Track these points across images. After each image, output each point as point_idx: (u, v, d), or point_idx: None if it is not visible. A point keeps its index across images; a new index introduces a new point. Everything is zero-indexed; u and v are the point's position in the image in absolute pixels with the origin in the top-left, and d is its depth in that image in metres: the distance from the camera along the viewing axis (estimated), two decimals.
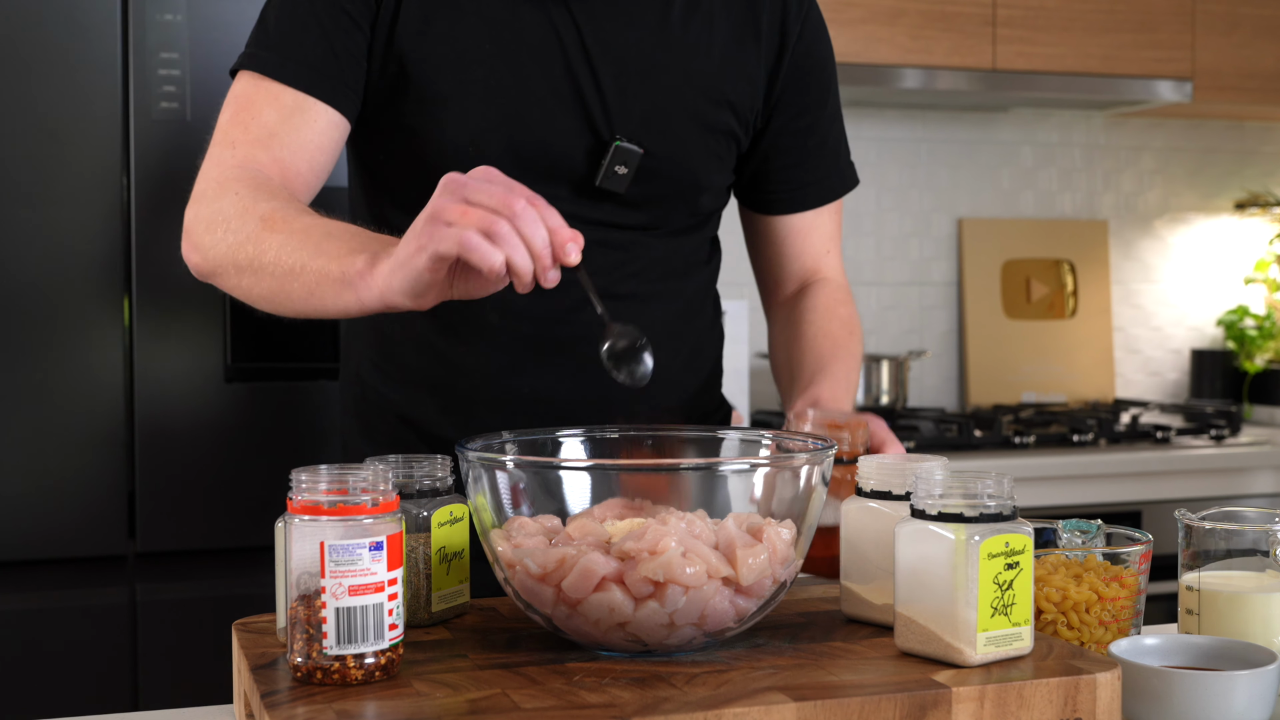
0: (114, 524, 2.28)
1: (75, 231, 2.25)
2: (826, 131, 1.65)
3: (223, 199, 1.37)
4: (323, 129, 1.44)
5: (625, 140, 1.48)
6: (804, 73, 1.60)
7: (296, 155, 1.43)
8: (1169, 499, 2.99)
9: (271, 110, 1.43)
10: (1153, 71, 3.27)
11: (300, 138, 1.43)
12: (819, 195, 1.67)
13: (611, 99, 1.48)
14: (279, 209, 1.33)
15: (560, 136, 1.48)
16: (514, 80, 1.47)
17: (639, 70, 1.50)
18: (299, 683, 1.01)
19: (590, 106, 1.48)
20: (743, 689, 0.98)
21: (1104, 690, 1.01)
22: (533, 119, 1.47)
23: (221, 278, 1.38)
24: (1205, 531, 1.23)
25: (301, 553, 1.00)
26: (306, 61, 1.43)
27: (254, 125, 1.43)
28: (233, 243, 1.34)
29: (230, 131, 1.44)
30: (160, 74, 2.28)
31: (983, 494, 1.03)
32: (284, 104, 1.43)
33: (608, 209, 1.51)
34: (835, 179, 1.68)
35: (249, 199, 1.35)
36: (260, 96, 1.44)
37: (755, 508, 1.09)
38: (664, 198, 1.53)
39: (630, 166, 1.48)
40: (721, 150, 1.56)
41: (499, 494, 1.09)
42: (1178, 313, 3.81)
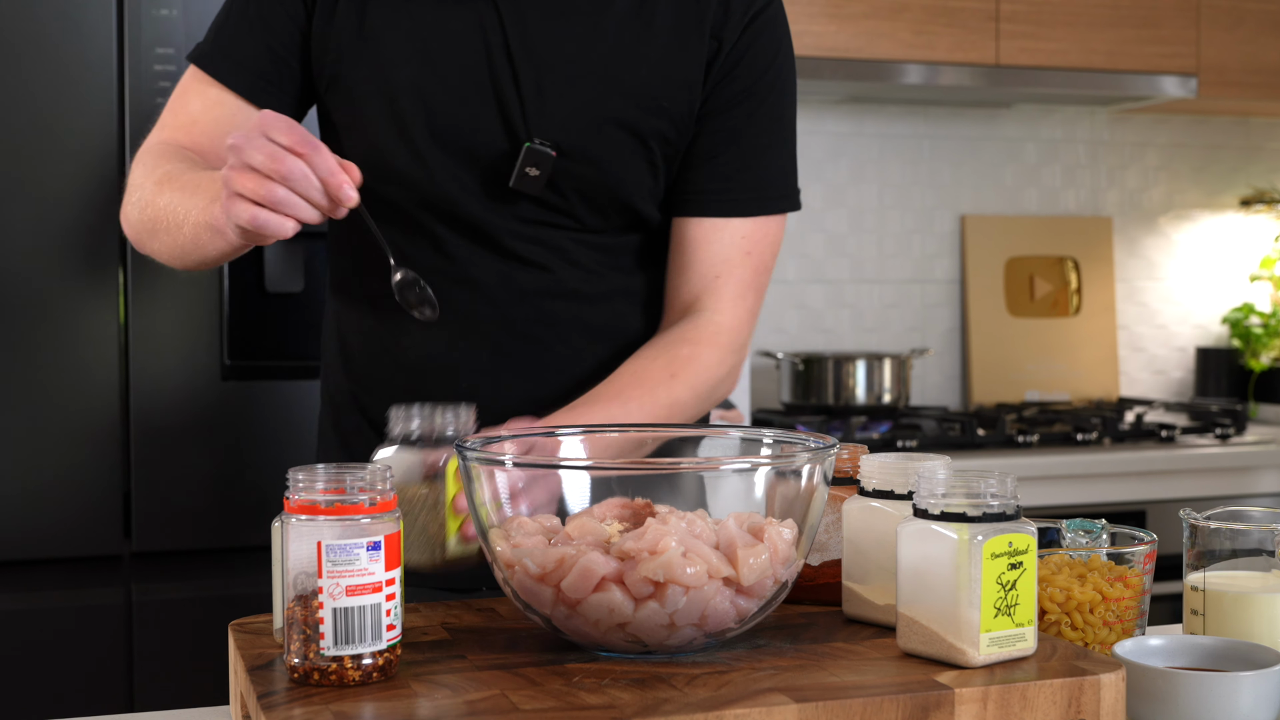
0: (109, 523, 2.28)
1: (70, 228, 2.25)
2: (753, 144, 1.56)
3: (135, 170, 1.54)
4: (241, 123, 1.53)
5: (538, 142, 1.48)
6: (735, 77, 1.54)
7: (215, 141, 1.54)
8: (1174, 498, 2.99)
9: (198, 101, 1.55)
10: (1157, 67, 3.27)
11: (219, 127, 1.54)
12: (721, 206, 1.56)
13: (530, 100, 1.49)
14: (173, 170, 1.47)
15: (481, 136, 1.50)
16: (436, 80, 1.50)
17: (563, 72, 1.50)
18: (296, 684, 1.01)
19: (508, 106, 1.49)
20: (744, 690, 0.98)
21: (1108, 691, 1.01)
22: (456, 118, 1.50)
23: (141, 244, 1.53)
24: (1210, 531, 1.23)
25: (298, 553, 1.00)
26: (236, 58, 1.54)
27: (181, 113, 1.56)
28: (139, 208, 1.50)
29: (164, 117, 1.59)
30: (156, 69, 2.28)
31: (986, 493, 1.03)
32: (208, 97, 1.55)
33: (536, 209, 1.52)
34: (747, 194, 1.56)
35: (151, 166, 1.51)
36: (193, 88, 1.56)
37: (756, 507, 1.09)
38: (588, 200, 1.53)
39: (543, 169, 1.48)
40: (653, 155, 1.54)
41: (497, 493, 1.09)
42: (1182, 310, 3.81)
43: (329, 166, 1.24)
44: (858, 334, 3.55)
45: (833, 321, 3.54)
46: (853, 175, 3.54)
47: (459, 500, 1.19)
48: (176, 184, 1.45)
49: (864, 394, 3.27)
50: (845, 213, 3.54)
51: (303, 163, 1.24)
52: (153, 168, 1.50)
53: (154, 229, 1.48)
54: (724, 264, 1.56)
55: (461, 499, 1.18)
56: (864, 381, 3.26)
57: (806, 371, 3.28)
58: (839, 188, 3.54)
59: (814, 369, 3.27)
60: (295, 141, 1.24)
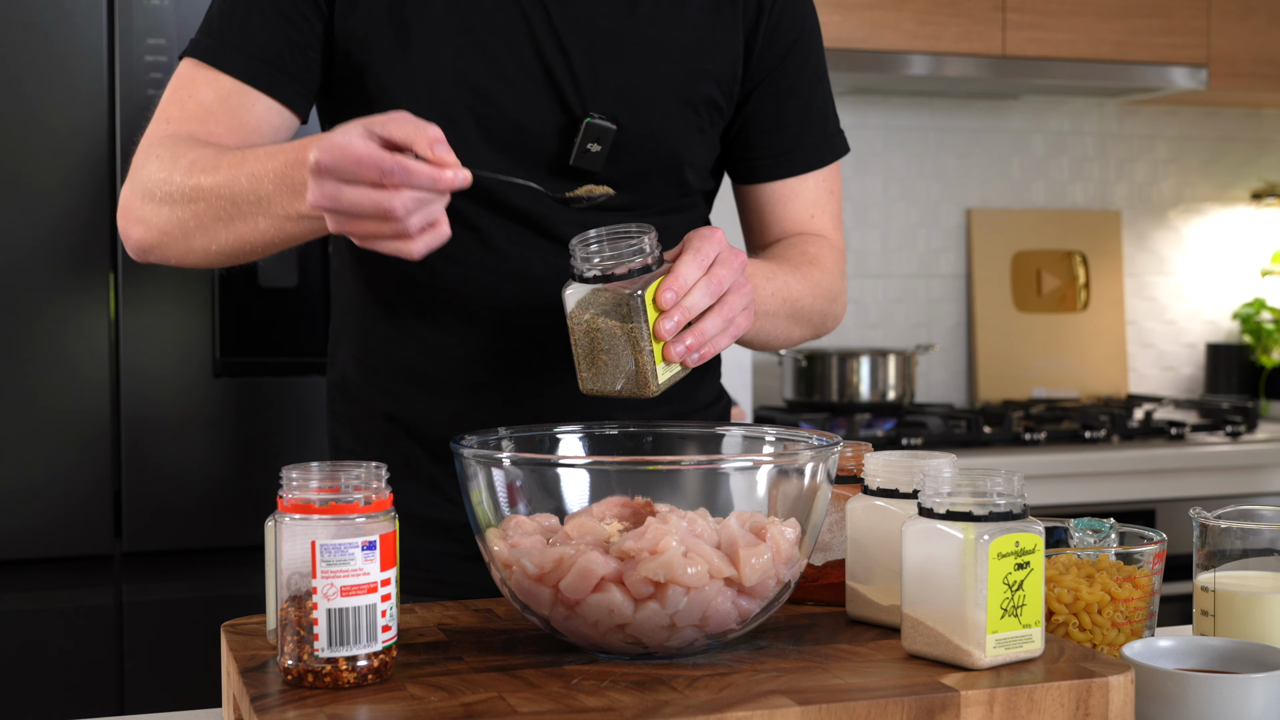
0: (99, 523, 2.28)
1: (60, 222, 2.25)
2: (809, 96, 1.63)
3: (148, 166, 1.42)
4: (261, 114, 1.47)
5: (598, 116, 1.48)
6: (781, 35, 1.59)
7: (232, 134, 1.46)
8: (1183, 497, 2.99)
9: (209, 90, 1.47)
10: (1167, 58, 3.27)
11: (236, 118, 1.46)
12: (802, 161, 1.64)
13: (583, 75, 1.49)
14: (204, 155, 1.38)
15: (533, 117, 1.48)
16: (482, 63, 1.48)
17: (610, 44, 1.50)
18: (290, 686, 1.01)
19: (561, 84, 1.48)
20: (746, 692, 0.98)
21: (1117, 694, 1.01)
22: (504, 101, 1.48)
23: (165, 248, 1.43)
24: (1221, 530, 1.23)
25: (292, 552, 1.00)
26: (246, 50, 1.47)
27: (190, 103, 1.47)
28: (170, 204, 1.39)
29: (167, 109, 1.48)
30: (147, 60, 2.28)
31: (992, 492, 1.03)
32: (222, 87, 1.47)
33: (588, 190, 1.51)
34: (821, 145, 1.65)
35: (171, 157, 1.40)
36: (200, 79, 1.48)
37: (759, 506, 1.09)
38: (644, 174, 1.53)
39: (604, 143, 1.48)
40: (703, 122, 1.55)
41: (495, 492, 1.09)
42: (1192, 306, 3.81)
43: (429, 177, 1.18)
44: (862, 330, 3.55)
45: None
46: (857, 168, 3.54)
47: (657, 325, 1.26)
48: (223, 168, 1.35)
49: (868, 391, 3.27)
50: (849, 206, 3.54)
51: (406, 193, 1.17)
52: (175, 157, 1.40)
53: (202, 221, 1.37)
54: (816, 205, 1.66)
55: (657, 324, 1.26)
56: (868, 378, 3.26)
57: (809, 368, 3.28)
58: (843, 180, 3.53)
59: (817, 365, 3.27)
60: (379, 176, 1.17)
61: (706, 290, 1.29)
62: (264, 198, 1.32)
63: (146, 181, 1.41)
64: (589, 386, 1.28)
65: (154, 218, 1.41)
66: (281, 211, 1.32)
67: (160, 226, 1.41)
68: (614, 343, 1.25)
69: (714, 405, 1.68)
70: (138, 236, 1.44)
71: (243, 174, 1.33)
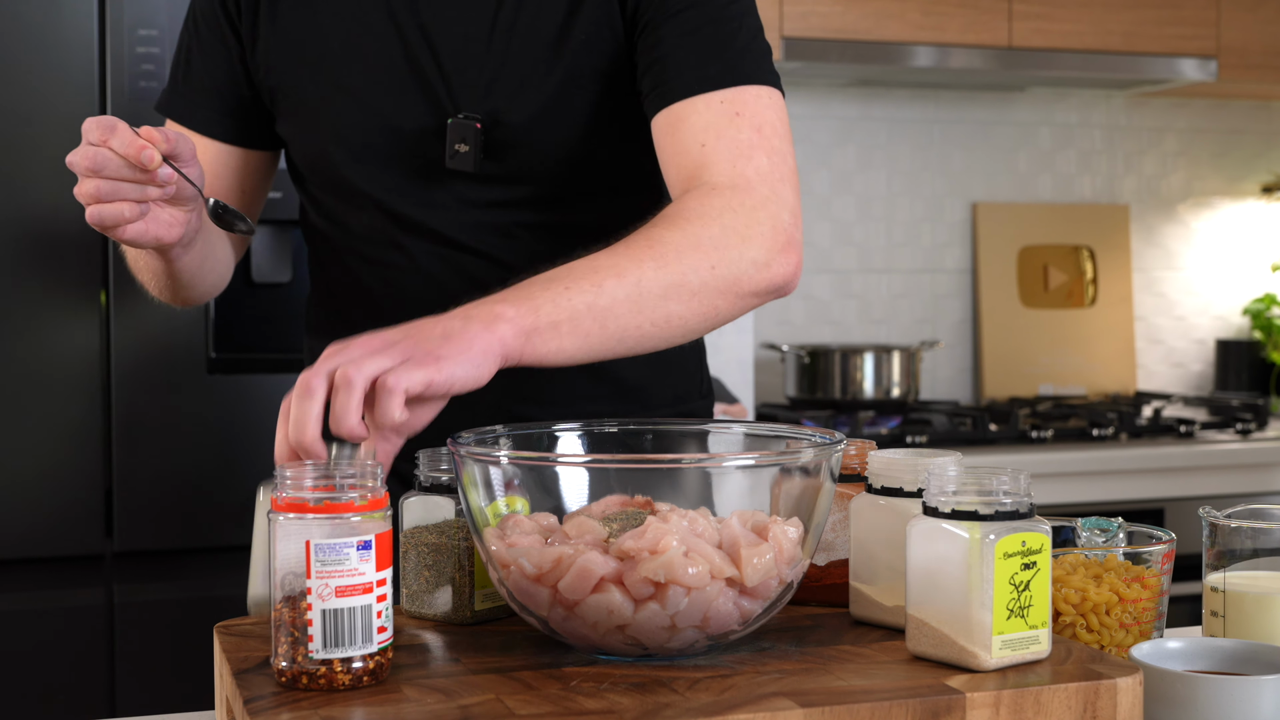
0: (90, 522, 2.28)
1: (50, 217, 2.25)
2: (695, 23, 1.42)
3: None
4: (212, 159, 1.60)
5: (463, 115, 1.48)
6: None
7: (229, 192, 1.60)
8: (1193, 496, 2.99)
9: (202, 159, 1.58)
10: (1176, 49, 3.27)
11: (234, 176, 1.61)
12: (685, 86, 1.40)
13: (451, 74, 1.49)
14: None
15: (411, 122, 1.50)
16: (360, 73, 1.51)
17: (480, 39, 1.49)
18: (283, 688, 1.01)
19: (433, 85, 1.49)
20: (748, 694, 0.98)
21: (1125, 696, 1.01)
22: (383, 109, 1.51)
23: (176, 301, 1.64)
24: (1231, 530, 1.23)
25: (286, 552, 1.00)
26: (181, 93, 1.60)
27: None
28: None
29: None
30: (139, 51, 2.28)
31: (998, 491, 1.03)
32: (206, 151, 1.59)
33: (480, 189, 1.51)
34: (712, 65, 1.40)
35: None
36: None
37: (760, 505, 1.09)
38: (540, 167, 1.50)
39: (470, 143, 1.47)
40: (594, 96, 1.48)
41: (493, 490, 1.09)
42: (1202, 301, 3.81)
43: (126, 140, 1.30)
44: (865, 326, 3.55)
45: (840, 313, 3.54)
46: (860, 161, 3.54)
47: None
48: None
49: (872, 388, 3.27)
50: (853, 200, 3.54)
51: (105, 149, 1.31)
52: None
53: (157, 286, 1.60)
54: (707, 133, 1.38)
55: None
56: (872, 375, 3.26)
57: (812, 364, 3.28)
58: (846, 174, 3.54)
59: (820, 362, 3.27)
60: (98, 135, 1.32)
61: (300, 429, 1.08)
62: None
63: None
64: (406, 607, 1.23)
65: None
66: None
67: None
68: (438, 557, 1.20)
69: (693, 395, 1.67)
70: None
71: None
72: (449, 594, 1.19)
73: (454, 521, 1.20)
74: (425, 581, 1.20)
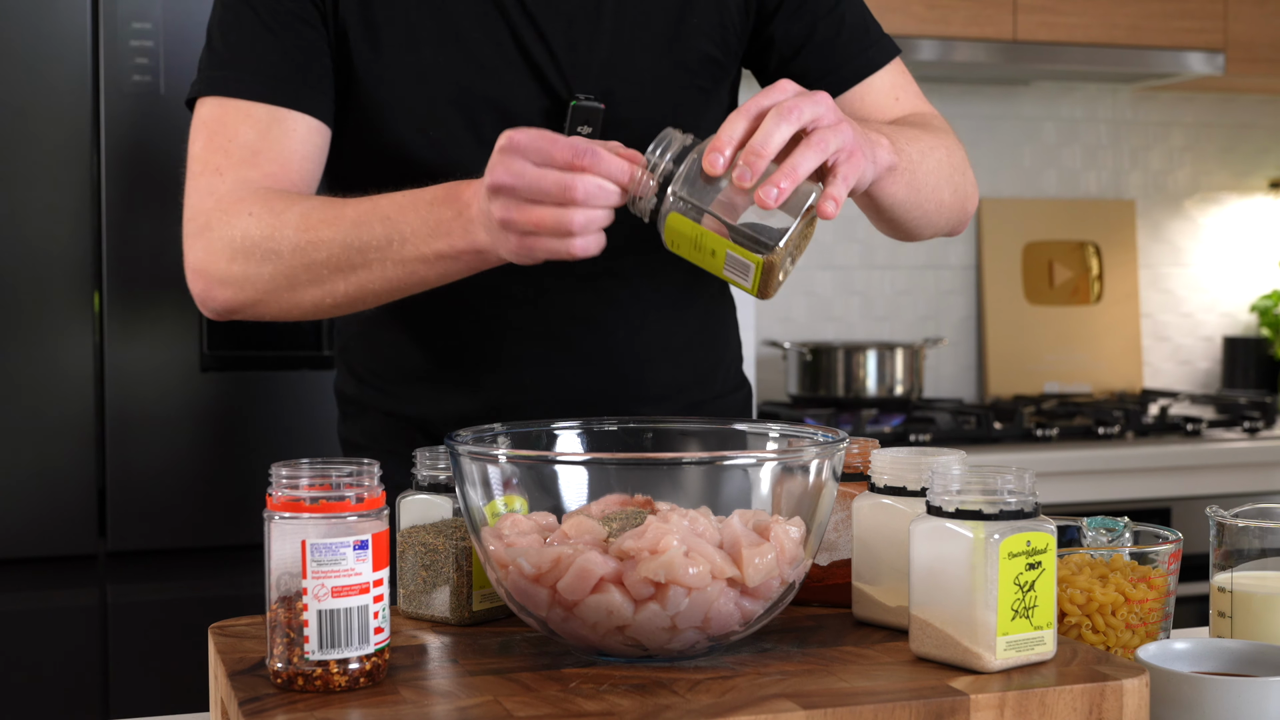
0: (83, 521, 2.28)
1: (42, 213, 2.25)
2: (836, 8, 1.57)
3: (236, 224, 1.40)
4: (303, 137, 1.46)
5: (584, 97, 1.47)
6: None
7: (286, 169, 1.45)
8: (1200, 495, 2.99)
9: (248, 128, 1.45)
10: (1183, 43, 3.27)
11: (284, 150, 1.45)
12: (855, 72, 1.57)
13: (563, 55, 1.48)
14: (312, 208, 1.37)
15: (518, 104, 1.48)
16: (461, 55, 1.47)
17: (587, 19, 1.49)
18: (279, 689, 1.01)
19: (543, 67, 1.48)
20: (749, 696, 0.98)
21: (1131, 697, 1.01)
22: (487, 91, 1.48)
23: (264, 305, 1.42)
24: (1238, 529, 1.23)
25: (281, 552, 1.00)
26: (267, 73, 1.46)
27: (234, 147, 1.44)
28: (287, 257, 1.37)
29: (211, 159, 1.45)
30: (132, 45, 2.27)
31: (1003, 490, 1.03)
32: (258, 119, 1.45)
33: None
34: (870, 51, 1.57)
35: (269, 212, 1.39)
36: (231, 117, 1.45)
37: (762, 504, 1.09)
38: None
39: (594, 124, 1.47)
40: (701, 82, 1.53)
41: (490, 489, 1.09)
42: (1209, 298, 3.81)
43: (620, 167, 1.19)
44: (868, 323, 3.55)
45: (842, 309, 3.54)
46: None
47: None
48: (347, 219, 1.35)
49: (875, 385, 3.27)
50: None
51: (590, 178, 1.18)
52: (277, 212, 1.39)
53: (318, 274, 1.37)
54: (897, 90, 1.58)
55: None
56: (875, 372, 3.26)
57: (815, 362, 3.28)
58: None
59: (822, 359, 3.27)
60: (572, 156, 1.18)
61: (779, 122, 1.16)
62: (400, 239, 1.32)
63: (241, 240, 1.39)
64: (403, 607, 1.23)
65: (254, 277, 1.40)
66: (416, 253, 1.32)
67: (261, 285, 1.40)
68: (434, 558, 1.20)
69: (735, 393, 1.67)
70: (227, 297, 1.43)
71: (375, 218, 1.33)
72: (446, 594, 1.19)
73: (452, 521, 1.20)
74: (422, 582, 1.20)
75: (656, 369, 1.57)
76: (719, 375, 1.65)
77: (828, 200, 1.18)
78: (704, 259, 1.21)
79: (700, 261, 1.22)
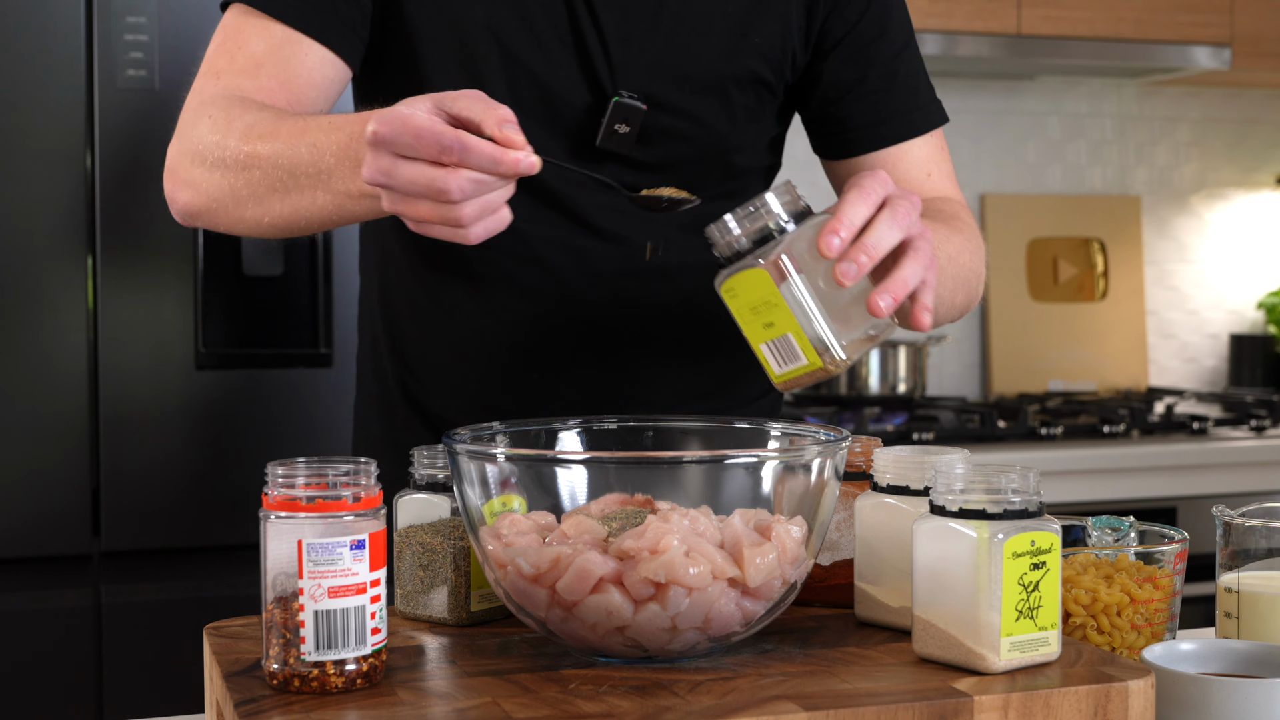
0: (77, 521, 2.28)
1: (35, 209, 2.25)
2: (893, 62, 1.56)
3: (199, 126, 1.37)
4: (314, 65, 1.43)
5: (627, 95, 1.45)
6: (848, 2, 1.53)
7: (286, 88, 1.42)
8: (1206, 494, 2.99)
9: (260, 40, 1.43)
10: (1189, 37, 3.27)
11: (289, 69, 1.42)
12: (896, 131, 1.57)
13: (614, 48, 1.45)
14: (261, 120, 1.33)
15: (561, 88, 1.46)
16: (516, 21, 1.45)
17: (646, 17, 1.47)
18: (275, 691, 1.01)
19: (592, 56, 1.45)
20: (750, 698, 0.98)
21: (1137, 699, 1.01)
22: (534, 65, 1.45)
23: (215, 214, 1.38)
24: (1245, 529, 1.23)
25: (277, 552, 1.00)
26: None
27: (240, 55, 1.43)
28: (222, 169, 1.34)
29: (215, 61, 1.44)
30: (127, 39, 2.27)
31: (1007, 489, 1.03)
32: (273, 35, 1.42)
33: (620, 172, 1.46)
34: (915, 113, 1.57)
35: (226, 119, 1.35)
36: (249, 27, 1.43)
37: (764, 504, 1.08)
38: (682, 158, 1.50)
39: (633, 124, 1.45)
40: (749, 101, 1.51)
41: (489, 488, 1.09)
42: (1215, 295, 3.81)
43: (489, 157, 1.12)
44: None
45: None
46: None
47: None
48: (282, 135, 1.30)
49: (877, 383, 3.27)
50: None
51: (464, 173, 1.12)
52: (230, 120, 1.35)
53: (256, 191, 1.32)
54: (930, 164, 1.59)
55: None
56: (877, 370, 3.26)
57: None
58: None
59: None
60: (438, 152, 1.12)
61: (892, 225, 1.15)
62: (324, 171, 1.26)
63: (198, 143, 1.37)
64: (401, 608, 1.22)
65: (204, 182, 1.36)
66: (342, 188, 1.26)
67: (210, 192, 1.36)
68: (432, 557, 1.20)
69: (763, 398, 1.66)
70: (185, 200, 1.40)
71: (303, 144, 1.28)
72: (444, 595, 1.19)
73: (450, 520, 1.20)
74: (420, 582, 1.20)
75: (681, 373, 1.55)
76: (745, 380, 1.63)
77: (924, 313, 1.18)
78: (754, 323, 1.16)
79: (747, 322, 1.17)
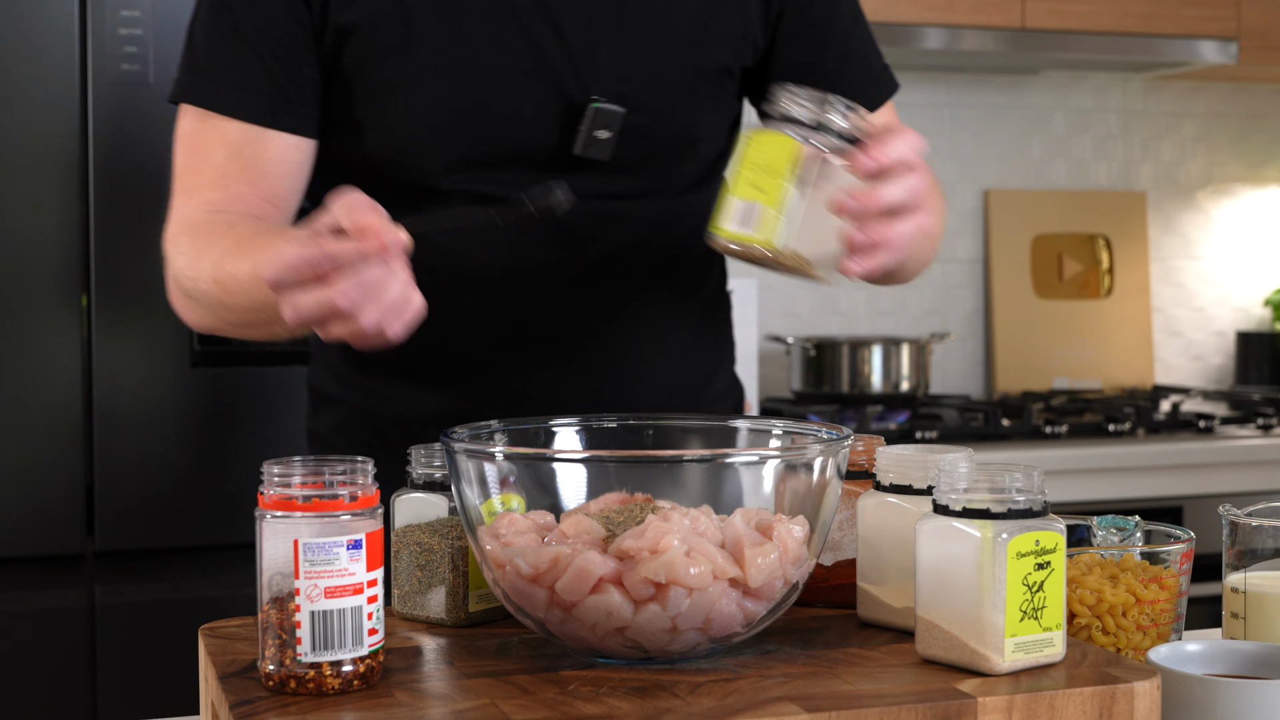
0: (71, 520, 2.28)
1: (28, 205, 2.25)
2: (845, 40, 1.60)
3: (175, 258, 1.44)
4: (279, 154, 1.46)
5: (604, 100, 1.45)
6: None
7: (256, 187, 1.45)
8: (1212, 493, 2.99)
9: (220, 149, 1.45)
10: (1195, 31, 3.27)
11: (256, 170, 1.45)
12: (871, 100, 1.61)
13: (581, 56, 1.46)
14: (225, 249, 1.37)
15: (527, 108, 1.45)
16: (466, 55, 1.45)
17: (609, 20, 1.47)
18: (271, 692, 1.01)
19: (558, 68, 1.45)
20: (751, 699, 0.98)
21: (1142, 700, 1.01)
22: (493, 95, 1.45)
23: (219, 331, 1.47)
24: (1252, 529, 1.23)
25: (273, 552, 1.00)
26: (244, 87, 1.44)
27: (206, 169, 1.46)
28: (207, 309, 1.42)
29: (185, 180, 1.49)
30: (120, 33, 2.27)
31: (1011, 488, 1.03)
32: (231, 138, 1.45)
33: (593, 179, 1.47)
34: (870, 89, 1.62)
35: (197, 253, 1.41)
36: (207, 133, 1.46)
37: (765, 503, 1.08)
38: (655, 156, 1.51)
39: (613, 129, 1.45)
40: (715, 91, 1.53)
41: (487, 487, 1.09)
42: (1222, 292, 3.81)
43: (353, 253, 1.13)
44: (873, 317, 3.55)
45: (847, 304, 3.54)
46: None
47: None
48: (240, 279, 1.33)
49: (880, 381, 3.27)
50: None
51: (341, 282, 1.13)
52: (200, 255, 1.40)
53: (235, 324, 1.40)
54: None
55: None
56: (880, 368, 3.26)
57: (818, 357, 3.28)
58: None
59: (826, 354, 3.27)
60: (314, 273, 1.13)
61: (906, 188, 1.23)
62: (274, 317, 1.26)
63: (179, 277, 1.44)
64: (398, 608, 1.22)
65: (191, 314, 1.46)
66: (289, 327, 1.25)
67: (203, 322, 1.45)
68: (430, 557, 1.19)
69: (727, 398, 1.67)
70: (191, 321, 1.48)
71: (254, 289, 1.30)
72: (442, 595, 1.19)
73: (447, 520, 1.20)
74: (417, 582, 1.20)
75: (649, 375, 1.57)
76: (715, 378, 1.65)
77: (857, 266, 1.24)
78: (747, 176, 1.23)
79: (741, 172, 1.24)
